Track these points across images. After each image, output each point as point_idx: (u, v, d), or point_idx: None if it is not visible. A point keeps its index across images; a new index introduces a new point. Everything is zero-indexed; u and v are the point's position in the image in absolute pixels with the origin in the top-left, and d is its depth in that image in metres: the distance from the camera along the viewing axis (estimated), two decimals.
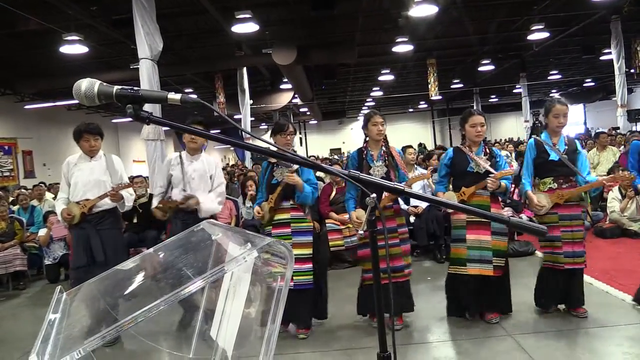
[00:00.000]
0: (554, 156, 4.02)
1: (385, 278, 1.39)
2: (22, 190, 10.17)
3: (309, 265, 4.04)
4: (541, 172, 4.12)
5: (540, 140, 4.10)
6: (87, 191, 4.25)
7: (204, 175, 4.37)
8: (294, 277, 3.94)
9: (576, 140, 4.22)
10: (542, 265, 4.15)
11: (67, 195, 4.34)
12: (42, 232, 7.29)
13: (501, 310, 4.13)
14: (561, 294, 4.09)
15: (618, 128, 14.58)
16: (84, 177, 4.27)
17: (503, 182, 3.99)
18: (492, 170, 4.01)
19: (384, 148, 4.16)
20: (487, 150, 4.16)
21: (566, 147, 4.06)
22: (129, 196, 4.38)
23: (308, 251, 4.07)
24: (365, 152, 4.16)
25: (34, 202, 8.66)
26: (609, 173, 7.26)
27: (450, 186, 4.33)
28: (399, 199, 4.25)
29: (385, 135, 4.20)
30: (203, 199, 4.27)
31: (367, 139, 4.19)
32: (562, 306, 4.19)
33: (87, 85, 1.24)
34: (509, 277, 4.14)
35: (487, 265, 3.95)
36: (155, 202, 4.48)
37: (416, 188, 6.28)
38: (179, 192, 4.33)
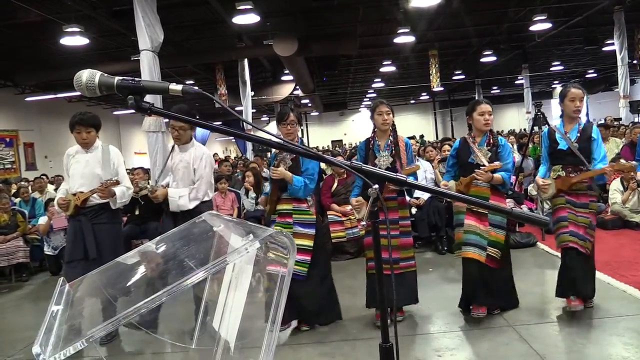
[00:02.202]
0: (562, 145, 4.00)
1: (386, 269, 1.39)
2: (23, 182, 10.19)
3: (307, 257, 3.99)
4: (552, 161, 4.12)
5: (553, 129, 4.09)
6: (81, 184, 4.12)
7: (188, 167, 4.25)
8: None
9: (594, 127, 4.10)
10: (560, 246, 4.00)
11: (68, 186, 4.28)
12: (43, 220, 7.30)
13: (507, 305, 4.10)
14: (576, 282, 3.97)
15: (620, 119, 14.52)
16: (79, 169, 4.16)
17: (498, 175, 3.94)
18: (486, 163, 3.99)
19: (391, 138, 4.14)
20: (492, 140, 4.12)
21: (578, 135, 3.99)
22: (125, 191, 4.20)
23: (308, 243, 4.03)
24: (372, 142, 4.17)
25: (35, 195, 8.67)
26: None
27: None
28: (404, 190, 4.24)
29: (394, 125, 4.18)
30: (172, 193, 4.15)
31: (375, 129, 4.19)
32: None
33: (88, 76, 1.24)
34: (511, 272, 4.14)
35: (481, 251, 3.93)
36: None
37: (419, 179, 6.27)
38: (172, 180, 4.35)
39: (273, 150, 4.35)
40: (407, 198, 6.42)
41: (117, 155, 4.30)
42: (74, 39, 10.08)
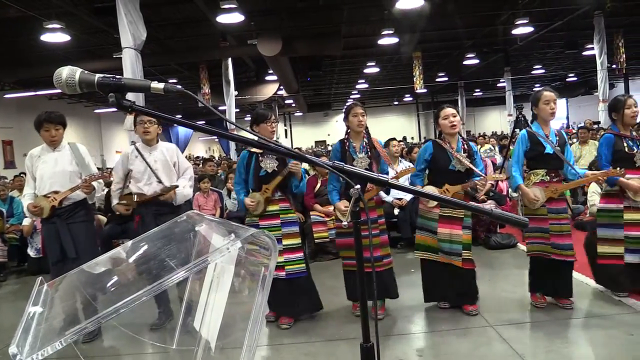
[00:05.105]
0: (549, 149, 4.00)
1: (367, 267, 1.40)
2: (3, 180, 10.00)
3: (301, 254, 4.12)
4: (533, 164, 4.11)
5: (533, 132, 4.07)
6: (53, 183, 4.05)
7: (167, 163, 4.27)
8: (287, 267, 4.02)
9: (563, 132, 4.25)
10: (528, 255, 4.17)
11: (34, 189, 4.14)
12: (27, 221, 7.18)
13: (471, 300, 4.19)
14: (549, 285, 4.12)
15: (599, 122, 14.76)
16: (49, 169, 4.07)
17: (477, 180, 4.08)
18: (475, 168, 4.04)
19: (365, 140, 4.19)
20: (466, 147, 4.18)
21: (557, 139, 4.07)
22: (98, 186, 4.20)
23: (298, 240, 4.15)
24: (347, 144, 4.19)
25: (15, 193, 8.51)
26: (590, 166, 7.35)
27: (426, 180, 4.36)
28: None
29: (367, 127, 4.22)
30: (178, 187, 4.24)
31: (349, 130, 4.22)
32: (549, 298, 4.20)
33: (68, 73, 1.22)
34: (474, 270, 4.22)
35: (456, 257, 4.05)
36: (115, 199, 4.35)
37: (402, 181, 6.30)
38: (145, 184, 4.20)
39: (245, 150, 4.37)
40: (389, 199, 6.53)
41: (86, 152, 4.31)
42: (54, 36, 9.95)
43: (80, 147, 4.27)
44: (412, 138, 31.04)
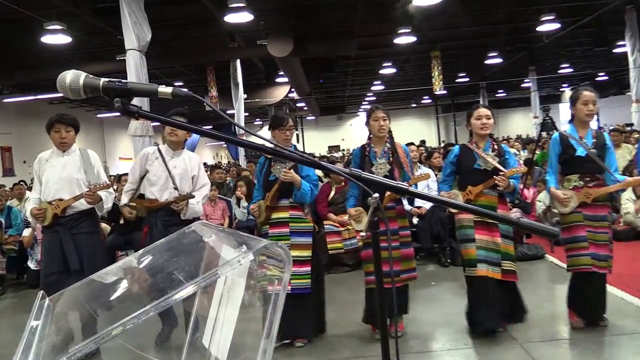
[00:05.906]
0: (580, 151, 3.92)
1: (387, 282, 1.39)
2: (2, 189, 10.12)
3: (308, 268, 4.02)
4: (566, 169, 4.04)
5: (566, 135, 4.01)
6: (59, 189, 4.03)
7: (186, 174, 4.21)
8: (291, 281, 3.92)
9: (605, 134, 4.15)
10: (569, 270, 4.00)
11: (40, 194, 4.13)
12: (27, 232, 7.25)
13: (515, 319, 4.07)
14: (589, 303, 3.96)
15: (632, 124, 14.58)
16: (56, 174, 4.06)
17: (512, 182, 3.94)
18: (500, 167, 3.98)
19: (388, 144, 4.17)
20: (496, 147, 4.13)
21: (594, 141, 3.96)
22: (108, 197, 4.16)
23: (307, 253, 4.05)
24: (368, 148, 4.19)
25: (13, 202, 8.61)
26: (624, 171, 7.26)
27: (456, 185, 4.32)
28: (402, 199, 4.24)
29: (391, 131, 4.21)
30: (192, 200, 4.14)
31: (371, 135, 4.22)
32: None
33: (72, 77, 1.23)
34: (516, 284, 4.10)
35: (495, 268, 3.89)
36: (125, 199, 4.27)
37: (419, 188, 6.26)
38: (160, 190, 4.13)
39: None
40: (408, 207, 6.50)
41: (97, 158, 4.32)
42: (55, 38, 10.08)
43: (90, 154, 4.27)
44: (443, 141, 30.73)
